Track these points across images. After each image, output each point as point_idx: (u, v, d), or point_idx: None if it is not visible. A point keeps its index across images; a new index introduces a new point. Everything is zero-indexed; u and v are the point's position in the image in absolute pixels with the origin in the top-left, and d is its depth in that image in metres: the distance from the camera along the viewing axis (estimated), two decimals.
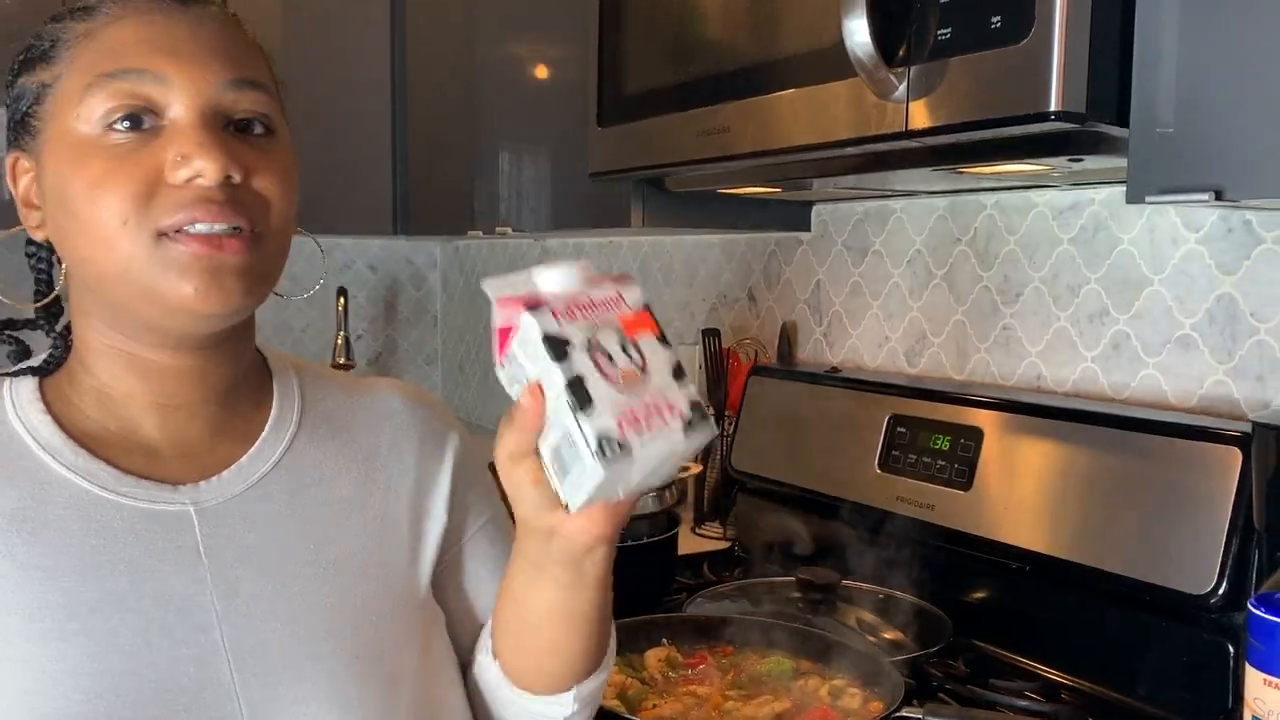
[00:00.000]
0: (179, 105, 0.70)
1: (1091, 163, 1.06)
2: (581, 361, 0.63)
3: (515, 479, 0.67)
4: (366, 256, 3.00)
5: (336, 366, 2.76)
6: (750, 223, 1.72)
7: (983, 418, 1.31)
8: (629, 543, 1.32)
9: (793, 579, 1.37)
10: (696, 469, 1.65)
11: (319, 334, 2.85)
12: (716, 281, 1.97)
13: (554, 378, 0.62)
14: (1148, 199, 0.87)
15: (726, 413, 1.76)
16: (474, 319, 2.96)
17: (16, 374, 0.75)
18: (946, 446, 1.34)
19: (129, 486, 0.72)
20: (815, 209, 1.73)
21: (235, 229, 0.69)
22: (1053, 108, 0.87)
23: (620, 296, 0.68)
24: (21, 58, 0.74)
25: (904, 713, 0.95)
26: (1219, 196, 0.83)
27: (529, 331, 0.63)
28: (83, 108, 0.69)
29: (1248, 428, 1.03)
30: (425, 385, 3.19)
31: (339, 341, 2.76)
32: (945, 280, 1.52)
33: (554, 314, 0.63)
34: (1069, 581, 1.18)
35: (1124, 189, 1.23)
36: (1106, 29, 0.88)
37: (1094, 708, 1.12)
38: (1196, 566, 1.06)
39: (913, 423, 1.39)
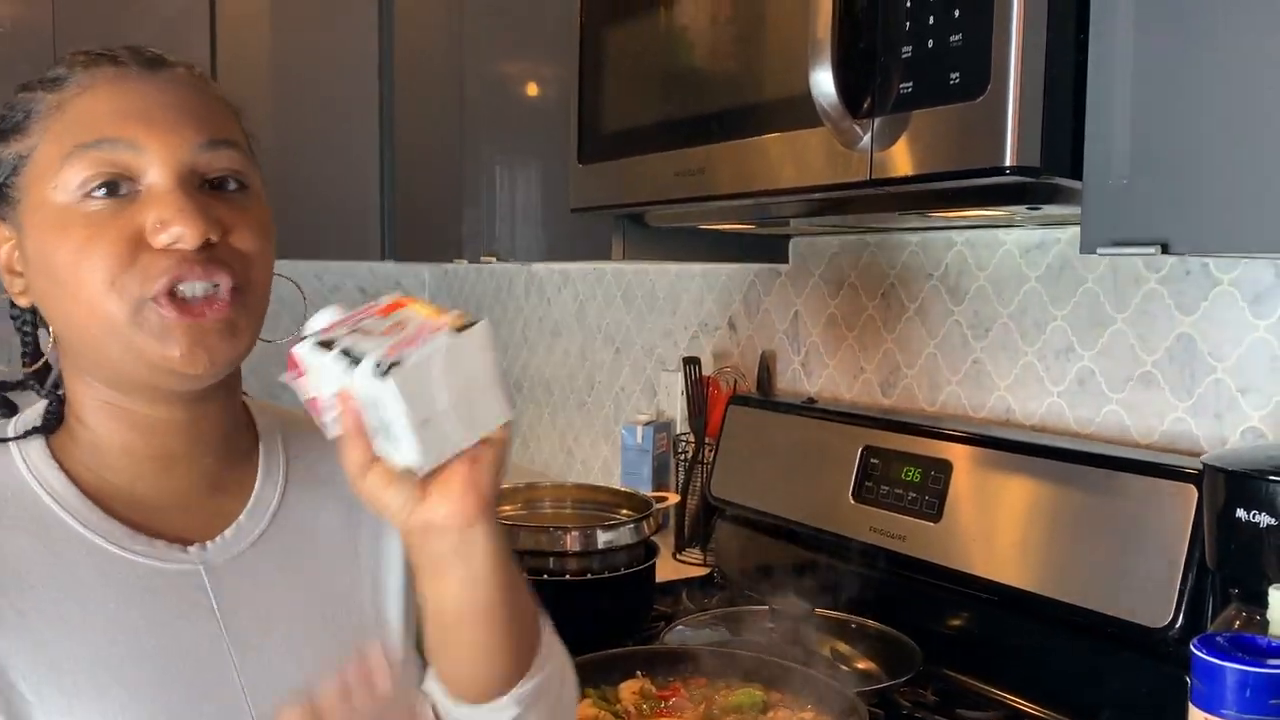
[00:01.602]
0: (155, 170, 0.71)
1: (1050, 210, 1.10)
2: (348, 340, 0.67)
3: (372, 491, 0.69)
4: (356, 278, 3.03)
5: None
6: (729, 255, 1.76)
7: (953, 451, 1.34)
8: (605, 574, 1.35)
9: (766, 607, 1.39)
10: (675, 498, 1.68)
11: None
12: (698, 310, 2.00)
13: (332, 368, 0.66)
14: (1099, 250, 0.91)
15: (706, 439, 1.79)
16: None
17: (26, 436, 0.76)
18: (918, 478, 1.37)
19: (142, 545, 0.74)
20: (793, 242, 1.77)
21: (216, 286, 0.72)
22: (1008, 162, 0.91)
23: (376, 304, 0.72)
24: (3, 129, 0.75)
25: None
26: (1166, 249, 0.87)
27: (300, 355, 0.68)
28: (60, 177, 0.71)
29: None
30: None
31: None
32: (918, 314, 1.55)
33: (317, 334, 0.69)
34: (1035, 612, 1.21)
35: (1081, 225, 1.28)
36: (1060, 85, 0.92)
37: None
38: (1155, 599, 1.09)
39: (885, 454, 1.43)
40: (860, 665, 1.33)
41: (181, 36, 2.26)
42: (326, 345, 0.67)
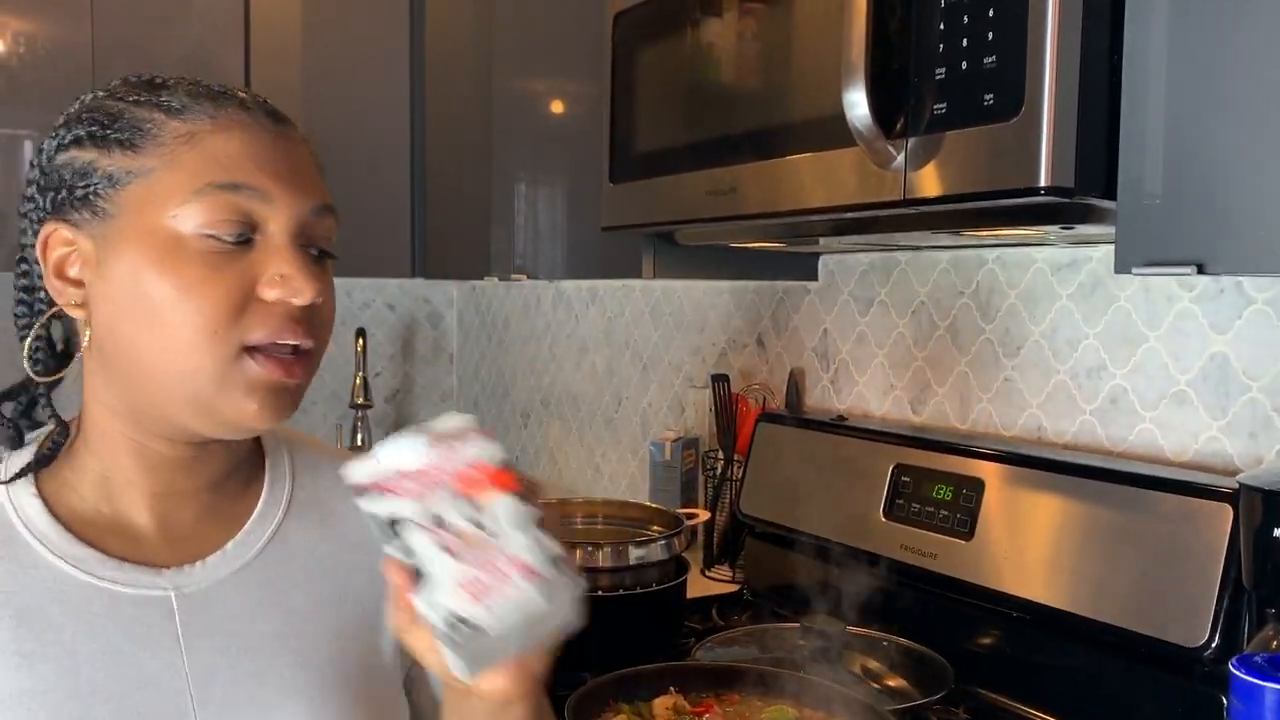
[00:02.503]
0: (276, 225, 0.72)
1: (1083, 230, 1.10)
2: (415, 537, 0.62)
3: (413, 644, 0.66)
4: (384, 295, 3.06)
5: (354, 407, 2.80)
6: (759, 273, 1.77)
7: (984, 469, 1.34)
8: (638, 590, 1.35)
9: (798, 626, 1.40)
10: (705, 515, 1.69)
11: (338, 370, 2.90)
12: (726, 327, 2.01)
13: (393, 553, 0.63)
14: (1134, 270, 0.91)
15: (736, 456, 1.80)
16: (489, 357, 3.01)
17: (23, 474, 0.74)
18: (949, 496, 1.38)
19: (112, 571, 0.73)
20: (822, 259, 1.77)
21: (299, 348, 0.73)
22: (1042, 183, 0.91)
23: (467, 457, 0.65)
24: (84, 132, 0.73)
25: None
26: (1201, 270, 0.87)
27: (363, 506, 0.63)
28: (185, 209, 0.70)
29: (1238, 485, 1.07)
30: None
31: (357, 382, 2.81)
32: (948, 331, 1.55)
33: (380, 489, 0.63)
34: (1068, 631, 1.21)
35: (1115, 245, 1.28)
36: (1094, 105, 0.92)
37: None
38: (1190, 619, 1.09)
39: (917, 472, 1.43)
40: (891, 683, 1.33)
41: (215, 56, 2.30)
42: (385, 525, 0.63)
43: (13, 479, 0.74)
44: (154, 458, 0.75)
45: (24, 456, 0.76)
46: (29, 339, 0.76)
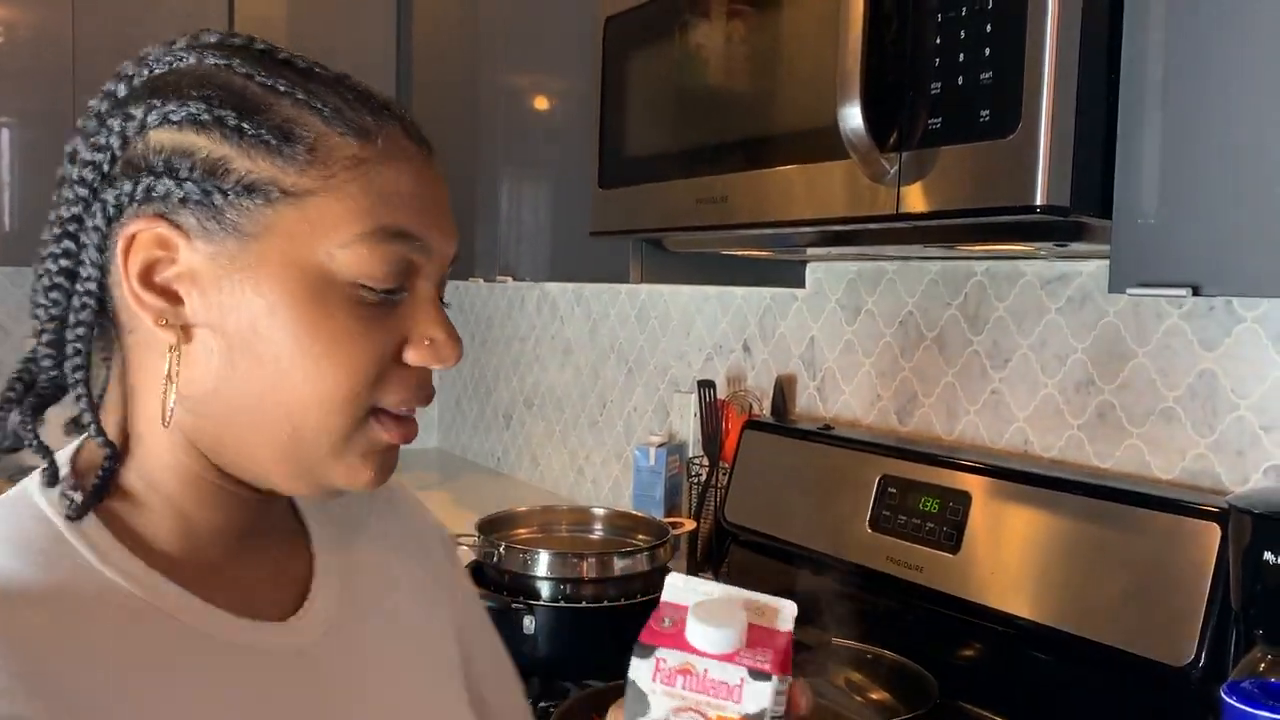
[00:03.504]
0: (426, 279, 0.63)
1: (1077, 247, 1.10)
2: None
3: None
4: None
5: None
6: (746, 279, 1.76)
7: (972, 482, 1.34)
8: (622, 601, 1.34)
9: None
10: (690, 525, 1.68)
11: None
12: (712, 332, 2.00)
13: None
14: (1128, 290, 0.91)
15: (721, 464, 1.79)
16: (472, 357, 2.99)
17: (85, 510, 0.60)
18: (936, 509, 1.37)
19: (227, 622, 0.63)
20: (810, 267, 1.77)
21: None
22: (1038, 201, 0.91)
23: (742, 690, 0.57)
24: (207, 114, 0.59)
25: None
26: (1196, 291, 0.86)
27: (631, 665, 0.58)
28: (346, 253, 0.59)
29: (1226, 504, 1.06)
30: (422, 422, 3.21)
31: None
32: (936, 342, 1.55)
33: (656, 669, 0.57)
34: (1053, 647, 1.21)
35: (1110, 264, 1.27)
36: (1091, 123, 0.92)
37: None
38: (1177, 638, 1.09)
39: (903, 484, 1.42)
40: (874, 696, 1.33)
41: None
42: (636, 700, 0.57)
43: (80, 514, 0.60)
44: (231, 500, 0.65)
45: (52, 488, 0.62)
46: (70, 336, 0.61)
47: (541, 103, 1.91)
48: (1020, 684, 1.26)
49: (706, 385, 1.82)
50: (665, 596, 0.61)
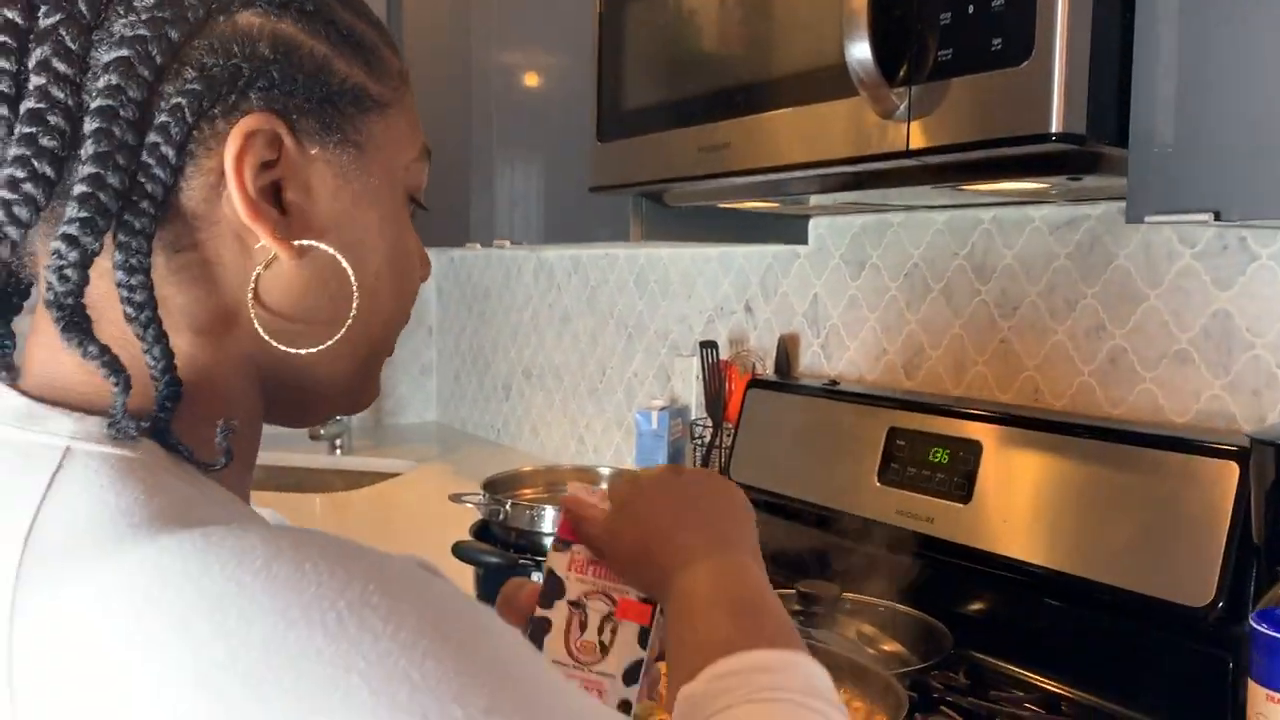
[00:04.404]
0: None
1: (1090, 181, 1.07)
2: (558, 613, 0.66)
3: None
4: None
5: None
6: (748, 236, 1.73)
7: (981, 431, 1.32)
8: None
9: (793, 591, 1.37)
10: None
11: None
12: (714, 293, 1.98)
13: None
14: (1147, 219, 0.88)
15: (725, 424, 1.77)
16: (470, 329, 2.97)
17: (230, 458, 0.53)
18: (946, 460, 1.35)
19: None
20: (812, 223, 1.74)
21: None
22: (1054, 129, 0.88)
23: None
24: (299, 6, 0.53)
25: None
26: (1218, 217, 0.84)
27: (547, 560, 0.68)
28: (416, 166, 0.61)
29: (1245, 442, 1.05)
30: (420, 396, 3.19)
31: None
32: (943, 294, 1.53)
33: (572, 560, 0.67)
34: (1069, 594, 1.19)
35: (1120, 205, 1.25)
36: (1105, 50, 0.90)
37: (1087, 713, 1.14)
38: (1195, 580, 1.07)
39: (911, 435, 1.41)
40: (887, 647, 1.31)
41: None
42: (550, 587, 0.67)
43: (227, 460, 0.53)
44: (254, 446, 0.60)
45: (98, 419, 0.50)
46: (133, 252, 0.49)
47: (536, 64, 1.88)
48: (1035, 632, 1.25)
49: (709, 346, 1.80)
50: (568, 496, 0.71)
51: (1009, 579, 1.26)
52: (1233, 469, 1.07)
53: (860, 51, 0.98)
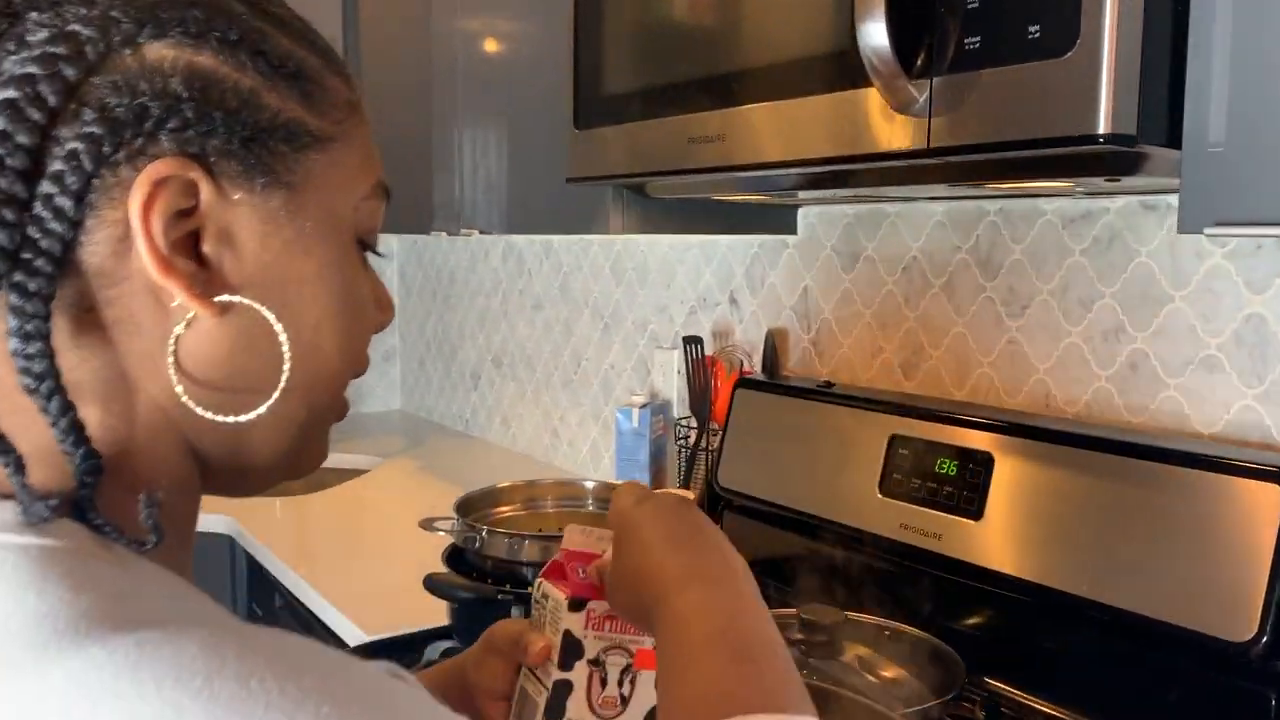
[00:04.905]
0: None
1: (1130, 182, 0.98)
2: (579, 674, 0.66)
3: (495, 672, 0.69)
4: None
5: None
6: (733, 226, 1.63)
7: (995, 441, 1.23)
8: None
9: (788, 612, 1.28)
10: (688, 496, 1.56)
11: None
12: (695, 284, 1.87)
13: (550, 669, 0.66)
14: (1206, 231, 0.79)
15: (711, 425, 1.67)
16: (435, 314, 2.84)
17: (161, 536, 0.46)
18: (954, 471, 1.26)
19: None
20: (801, 211, 1.64)
21: None
22: (1101, 130, 0.78)
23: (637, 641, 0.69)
24: (220, 37, 0.47)
25: None
26: None
27: (561, 620, 0.66)
28: (367, 205, 0.53)
29: None
30: (384, 384, 3.07)
31: None
32: (944, 290, 1.43)
33: (589, 618, 0.66)
34: (1092, 623, 1.11)
35: (1143, 199, 1.16)
36: (1158, 39, 0.80)
37: None
38: (1234, 611, 0.99)
39: (916, 444, 1.31)
40: (887, 673, 1.23)
41: None
42: (570, 649, 0.66)
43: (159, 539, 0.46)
44: (191, 516, 0.53)
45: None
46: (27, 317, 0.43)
47: (502, 45, 1.75)
48: (1055, 662, 1.17)
49: (693, 341, 1.70)
50: (568, 545, 0.68)
51: (1025, 603, 1.18)
52: (1274, 491, 0.98)
53: (875, 36, 0.88)
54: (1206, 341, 1.15)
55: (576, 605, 0.66)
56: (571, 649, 0.66)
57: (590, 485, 1.44)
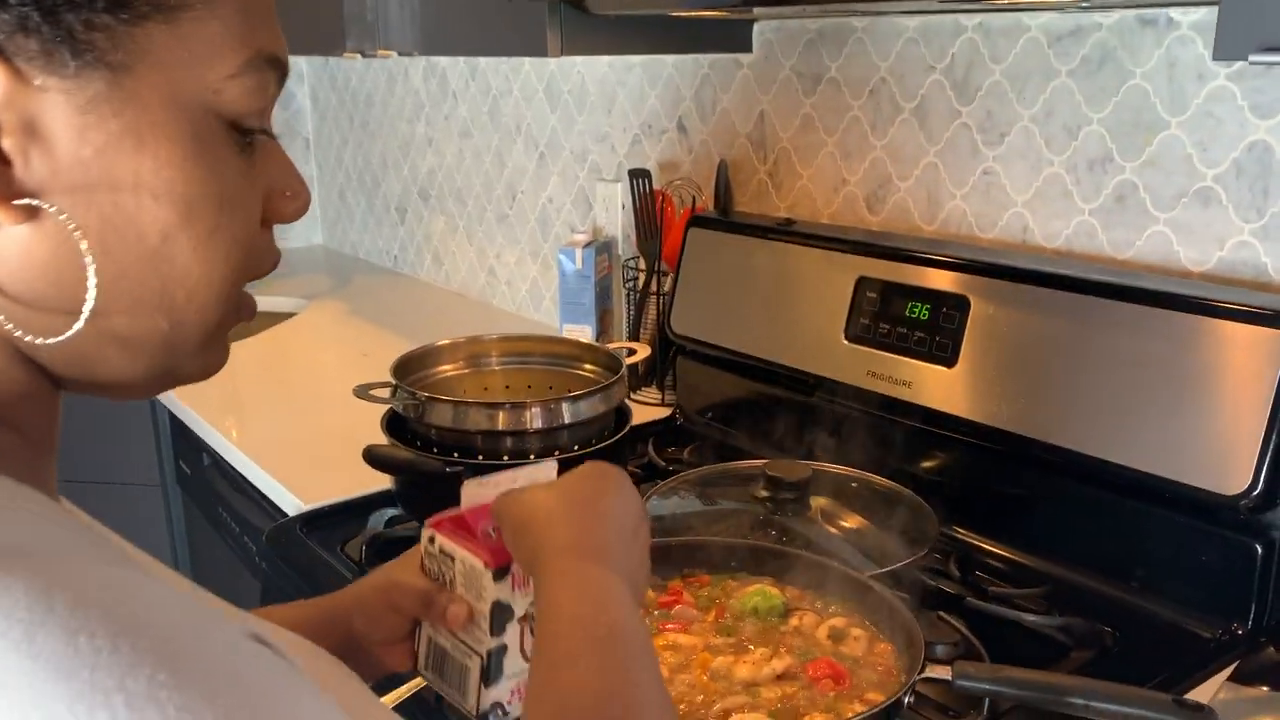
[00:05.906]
0: (271, 117, 0.49)
1: None
2: (511, 633, 0.64)
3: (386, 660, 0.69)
4: None
5: None
6: (682, 45, 1.48)
7: (971, 283, 1.15)
8: (576, 451, 1.14)
9: (747, 465, 1.22)
10: (645, 351, 1.47)
11: None
12: (639, 109, 1.73)
13: (481, 635, 0.64)
14: (1251, 58, 0.69)
15: (661, 266, 1.57)
16: (353, 141, 2.65)
17: None
18: (926, 316, 1.19)
19: None
20: (757, 27, 1.49)
21: None
22: None
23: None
24: None
25: (931, 674, 0.83)
26: None
27: (487, 589, 0.64)
28: (232, 85, 0.44)
29: None
30: (304, 217, 2.88)
31: None
32: (915, 115, 1.32)
33: (515, 581, 0.64)
34: (1073, 473, 1.06)
35: (1140, 13, 1.04)
36: None
37: (1098, 607, 1.03)
38: (1225, 463, 0.95)
39: (885, 286, 1.23)
40: (847, 523, 1.18)
41: None
42: (501, 614, 0.64)
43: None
44: (45, 423, 0.48)
45: None
46: None
47: None
48: (1033, 518, 1.13)
49: (640, 175, 1.57)
50: (468, 503, 0.67)
51: (1001, 454, 1.13)
52: (1274, 337, 0.92)
53: None
54: (1202, 172, 1.06)
55: (501, 574, 0.64)
56: (502, 614, 0.64)
57: (536, 340, 1.33)
